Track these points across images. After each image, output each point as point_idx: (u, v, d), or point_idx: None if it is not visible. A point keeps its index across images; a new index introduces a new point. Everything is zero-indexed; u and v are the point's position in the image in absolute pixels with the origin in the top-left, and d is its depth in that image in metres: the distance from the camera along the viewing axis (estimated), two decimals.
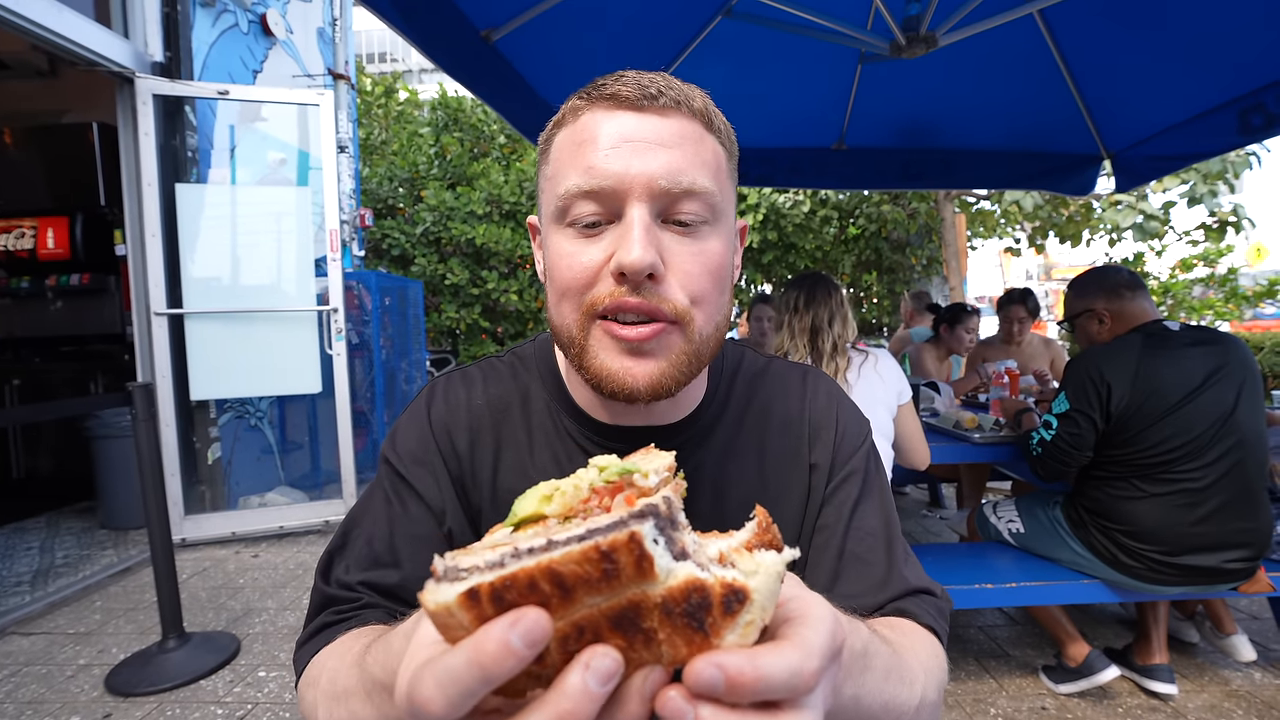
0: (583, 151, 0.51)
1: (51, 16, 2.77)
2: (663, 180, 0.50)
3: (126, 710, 1.91)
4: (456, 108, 9.19)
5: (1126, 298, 1.87)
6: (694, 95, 0.53)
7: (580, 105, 0.53)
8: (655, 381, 0.52)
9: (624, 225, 0.50)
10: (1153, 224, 6.97)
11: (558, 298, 0.54)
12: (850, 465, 0.65)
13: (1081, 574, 1.89)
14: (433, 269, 8.10)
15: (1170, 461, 1.71)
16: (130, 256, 3.30)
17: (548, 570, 0.24)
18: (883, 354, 1.98)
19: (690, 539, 0.28)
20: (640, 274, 0.49)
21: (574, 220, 0.52)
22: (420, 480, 0.62)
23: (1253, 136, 2.29)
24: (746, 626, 0.26)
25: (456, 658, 0.24)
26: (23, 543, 3.41)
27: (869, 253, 8.89)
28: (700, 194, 0.51)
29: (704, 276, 0.52)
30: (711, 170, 0.53)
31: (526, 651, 0.23)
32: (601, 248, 0.51)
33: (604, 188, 0.50)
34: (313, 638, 0.57)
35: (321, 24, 4.79)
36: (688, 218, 0.52)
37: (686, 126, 0.52)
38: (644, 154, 0.50)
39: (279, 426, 4.06)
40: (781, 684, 0.26)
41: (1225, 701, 1.90)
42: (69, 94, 4.55)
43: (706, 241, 0.53)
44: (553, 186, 0.54)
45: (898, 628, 0.56)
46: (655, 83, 0.52)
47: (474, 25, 2.01)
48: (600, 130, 0.51)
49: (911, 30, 1.95)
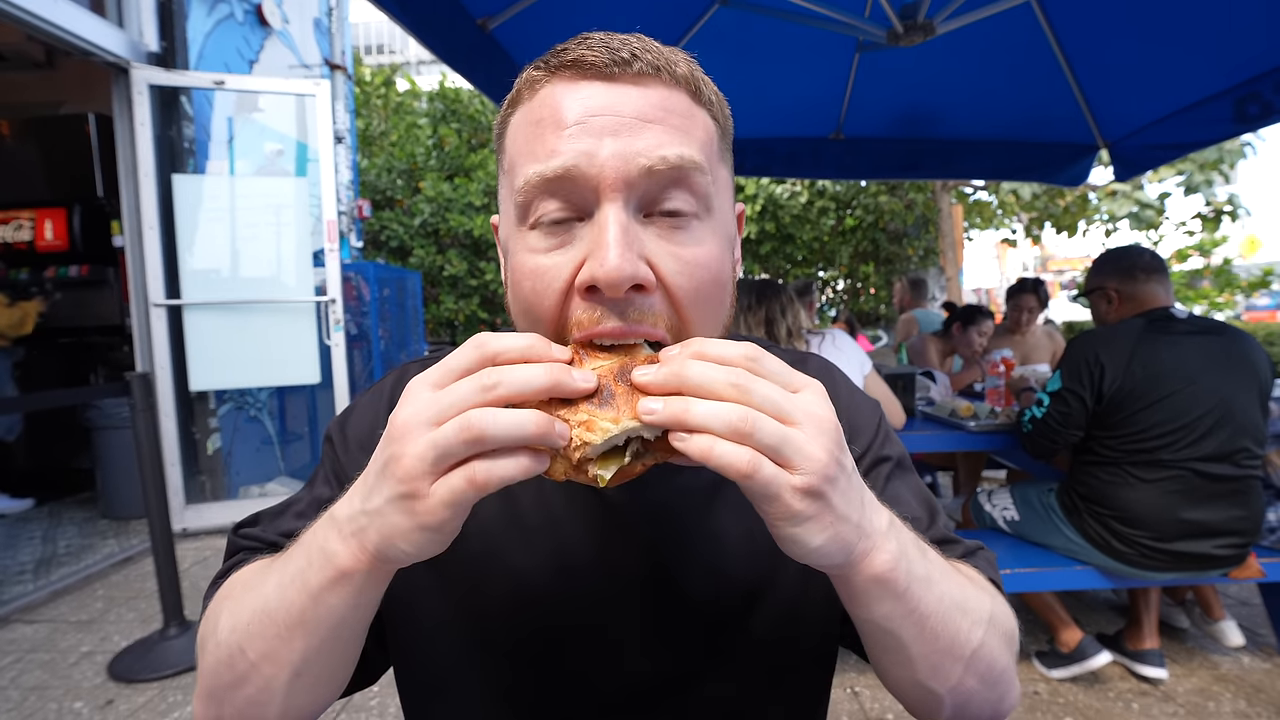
0: (541, 133, 0.42)
1: (46, 6, 2.75)
2: (642, 163, 0.41)
3: (129, 696, 1.94)
4: (454, 99, 9.15)
5: (1139, 280, 1.87)
6: (677, 59, 0.44)
7: (538, 77, 0.44)
8: None
9: (596, 225, 0.41)
10: (1148, 214, 6.97)
11: (518, 315, 0.46)
12: (870, 454, 0.60)
13: (1075, 560, 1.90)
14: (431, 260, 8.10)
15: (1163, 448, 1.72)
16: (128, 247, 3.30)
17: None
18: (838, 333, 2.17)
19: None
20: (619, 288, 0.40)
21: (536, 220, 0.43)
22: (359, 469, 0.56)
23: (1249, 125, 2.28)
24: None
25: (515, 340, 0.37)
26: (25, 532, 3.43)
27: (866, 243, 8.89)
28: (689, 179, 0.42)
29: (701, 273, 0.43)
30: (701, 149, 0.44)
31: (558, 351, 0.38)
32: (570, 255, 0.42)
33: (569, 175, 0.41)
34: (226, 575, 0.53)
35: (318, 14, 4.75)
36: (675, 209, 0.43)
37: (669, 96, 0.43)
38: (617, 132, 0.41)
39: (278, 417, 4.08)
40: (717, 347, 0.37)
41: (1214, 685, 1.92)
42: (66, 85, 4.53)
43: (699, 238, 0.44)
44: (510, 179, 0.45)
45: (959, 565, 0.52)
46: (628, 44, 0.43)
47: (470, 13, 2.00)
48: (562, 105, 0.42)
49: (909, 18, 1.94)
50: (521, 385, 0.35)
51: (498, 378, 0.35)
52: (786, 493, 0.34)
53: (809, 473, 0.35)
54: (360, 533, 0.38)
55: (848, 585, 0.40)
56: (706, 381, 0.35)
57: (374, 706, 1.90)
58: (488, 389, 0.34)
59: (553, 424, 0.35)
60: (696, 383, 0.35)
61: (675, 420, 0.35)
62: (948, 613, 0.42)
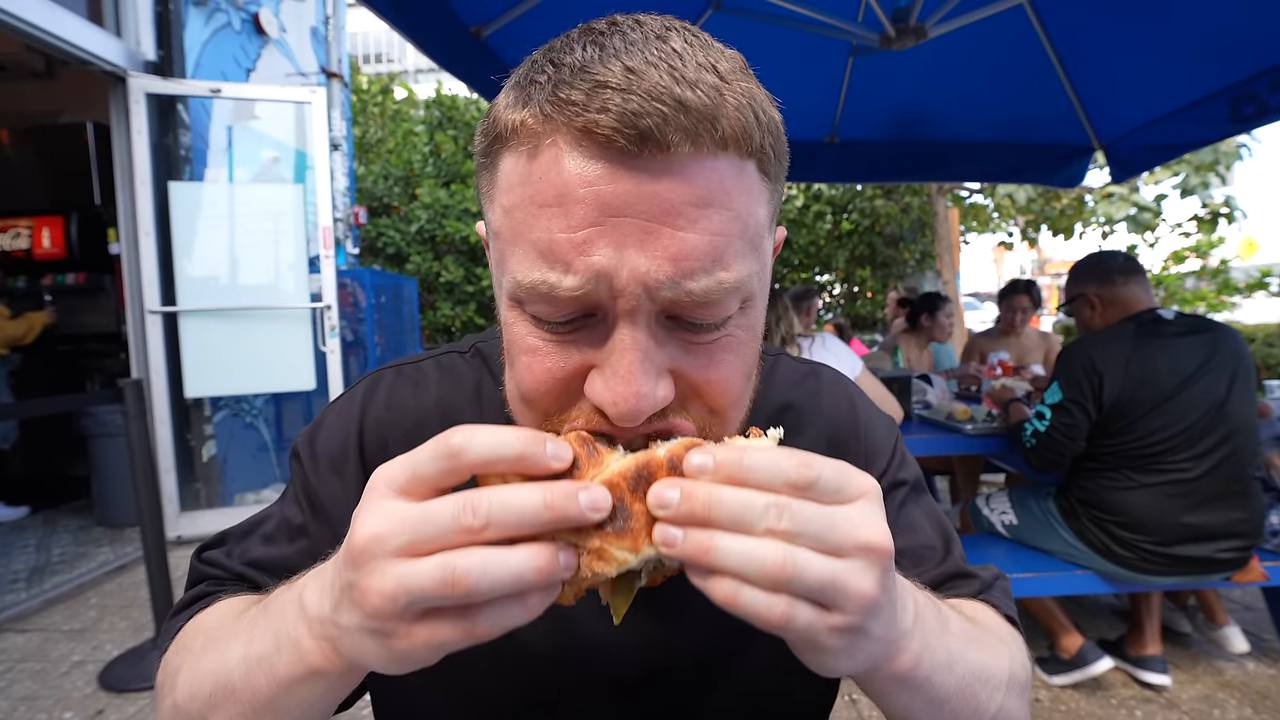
0: (545, 222, 0.34)
1: (44, 15, 2.77)
2: (666, 284, 0.34)
3: (119, 706, 1.91)
4: (451, 105, 9.19)
5: (1119, 284, 1.87)
6: (723, 102, 0.34)
7: (537, 129, 0.35)
8: None
9: (612, 344, 0.35)
10: (1145, 216, 6.98)
11: (517, 398, 0.41)
12: (886, 478, 0.57)
13: (1074, 565, 1.89)
14: (428, 267, 8.12)
15: (1162, 451, 1.71)
16: (124, 255, 3.30)
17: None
18: (828, 336, 2.22)
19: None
20: (634, 421, 0.35)
21: (537, 317, 0.37)
22: (329, 490, 0.52)
23: (1244, 125, 2.28)
24: None
25: (505, 433, 0.30)
26: (19, 540, 3.41)
27: (863, 247, 8.90)
28: (726, 292, 0.35)
29: (728, 381, 0.39)
30: (747, 237, 0.36)
31: (553, 458, 0.30)
32: (575, 352, 0.37)
33: (581, 294, 0.34)
34: (187, 608, 0.50)
35: (315, 23, 4.78)
36: (706, 321, 0.37)
37: (710, 174, 0.34)
38: (642, 242, 0.33)
39: (274, 424, 4.07)
40: (764, 463, 0.30)
41: (1218, 692, 1.90)
42: (64, 95, 4.56)
43: (734, 334, 0.38)
44: (504, 251, 0.38)
45: (976, 612, 0.51)
46: (660, 101, 0.32)
47: (464, 21, 2.01)
48: (571, 189, 0.33)
49: (901, 22, 1.95)
50: (516, 523, 0.28)
51: (486, 516, 0.28)
52: (823, 634, 0.30)
53: (853, 612, 0.30)
54: (331, 640, 0.33)
55: (868, 682, 0.38)
56: (741, 515, 0.29)
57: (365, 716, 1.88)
58: (473, 531, 0.28)
59: (557, 557, 0.29)
60: (729, 517, 0.29)
61: (698, 559, 0.29)
62: (968, 687, 0.40)
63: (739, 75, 0.36)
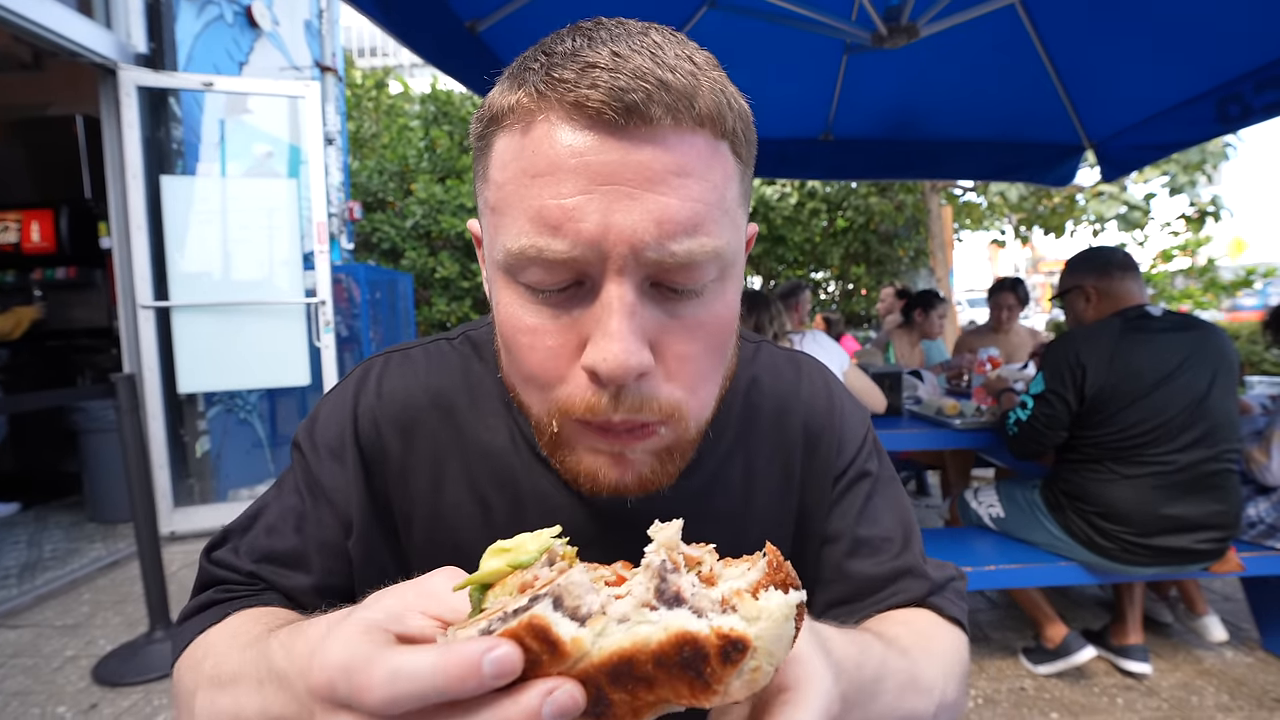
0: (537, 190, 0.37)
1: (33, 7, 2.74)
2: (651, 245, 0.36)
3: (113, 700, 1.92)
4: (446, 101, 9.14)
5: (1115, 277, 1.90)
6: (699, 87, 0.37)
7: (531, 106, 0.38)
8: (642, 482, 0.43)
9: (600, 305, 0.37)
10: (1135, 214, 7.05)
11: (517, 380, 0.44)
12: (854, 467, 0.59)
13: (1059, 556, 1.92)
14: (423, 262, 8.09)
15: (1143, 444, 1.74)
16: (115, 249, 3.28)
17: (514, 639, 0.24)
18: (817, 333, 2.33)
19: (689, 582, 0.27)
20: (624, 380, 0.37)
21: (530, 286, 0.39)
22: (332, 477, 0.53)
23: (1230, 126, 2.32)
24: (752, 673, 0.25)
25: (423, 658, 0.23)
26: (10, 536, 3.39)
27: (857, 245, 8.94)
28: (707, 256, 0.38)
29: (704, 356, 0.41)
30: (726, 208, 0.39)
31: (493, 679, 0.23)
32: (569, 324, 0.39)
33: (571, 257, 0.37)
34: (198, 613, 0.49)
35: (308, 16, 4.75)
36: (687, 286, 0.39)
37: (688, 147, 0.37)
38: (628, 206, 0.36)
39: (268, 419, 4.06)
40: None
41: (1197, 680, 1.94)
42: (53, 87, 4.50)
43: (711, 306, 0.41)
44: (498, 223, 0.40)
45: (915, 625, 0.53)
46: (643, 78, 0.35)
47: (458, 16, 2.01)
48: (562, 159, 0.36)
49: (893, 20, 1.97)
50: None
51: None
52: None
53: None
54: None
55: None
56: None
57: None
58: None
59: None
60: None
61: None
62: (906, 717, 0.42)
63: (712, 67, 0.40)
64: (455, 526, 0.53)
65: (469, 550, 0.48)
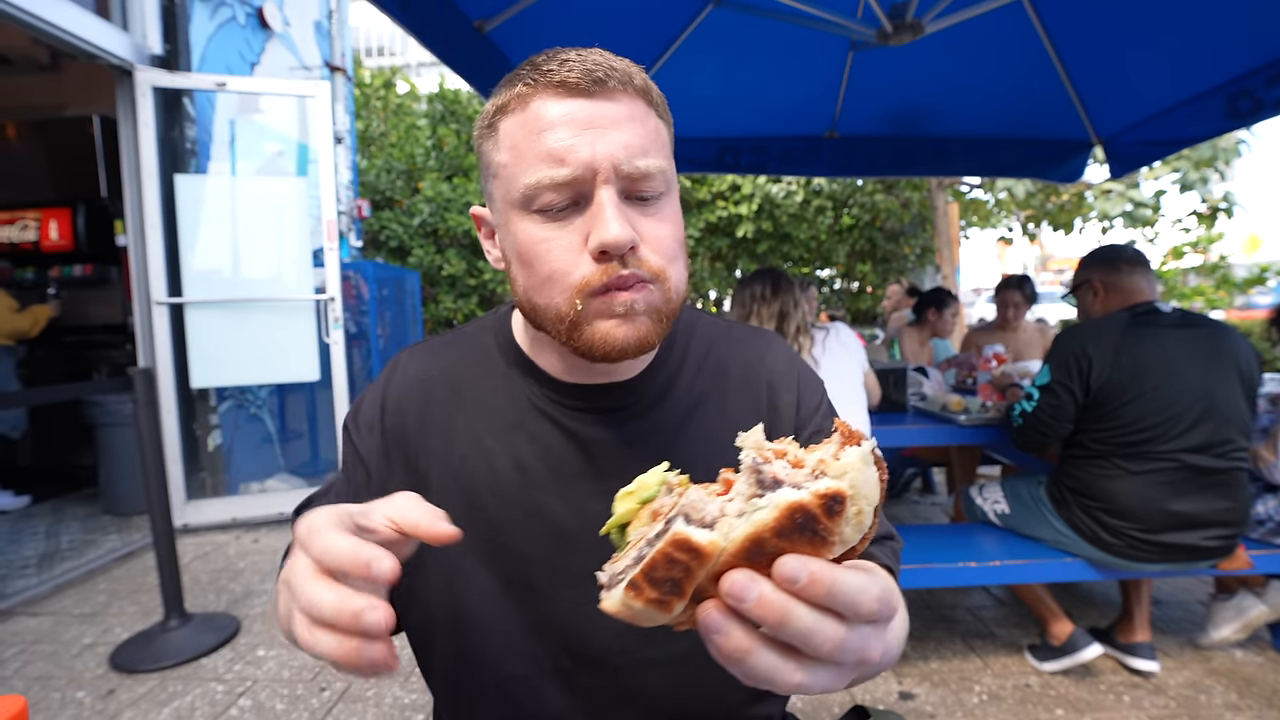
0: (543, 140, 0.52)
1: (52, 9, 2.79)
2: (623, 162, 0.52)
3: (130, 686, 1.96)
4: (453, 100, 9.19)
5: (1124, 272, 1.89)
6: (633, 73, 0.55)
7: (527, 92, 0.53)
8: (641, 338, 0.54)
9: (595, 207, 0.52)
10: (1143, 211, 6.97)
11: (540, 283, 0.55)
12: (811, 425, 0.69)
13: (1064, 552, 1.92)
14: (430, 260, 8.14)
15: (1150, 439, 1.74)
16: (131, 247, 3.34)
17: (665, 557, 0.29)
18: (840, 326, 2.25)
19: (781, 468, 0.32)
20: (622, 249, 0.51)
21: (542, 208, 0.53)
22: (371, 453, 0.66)
23: (1241, 121, 2.30)
24: (857, 516, 0.30)
25: (346, 542, 0.36)
26: (29, 528, 3.46)
27: (863, 242, 8.90)
28: (657, 170, 0.54)
29: (671, 241, 0.56)
30: (661, 145, 0.56)
31: (374, 573, 0.34)
32: (574, 231, 0.53)
33: (574, 176, 0.51)
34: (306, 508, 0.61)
35: (319, 17, 4.79)
36: (648, 193, 0.55)
37: (634, 106, 0.54)
38: (604, 138, 0.52)
39: (278, 415, 4.11)
40: (851, 591, 0.30)
41: (1206, 679, 1.93)
42: (70, 87, 4.58)
43: (666, 211, 0.57)
44: (512, 175, 0.55)
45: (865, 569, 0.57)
46: (600, 65, 0.53)
47: (466, 16, 2.03)
48: (557, 119, 0.52)
49: (898, 17, 1.96)
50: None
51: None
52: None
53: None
54: None
55: None
56: (805, 640, 0.30)
57: (370, 697, 1.93)
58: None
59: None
60: (794, 635, 0.30)
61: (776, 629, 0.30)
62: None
63: (643, 71, 0.57)
64: (463, 474, 0.63)
65: (472, 493, 0.62)
